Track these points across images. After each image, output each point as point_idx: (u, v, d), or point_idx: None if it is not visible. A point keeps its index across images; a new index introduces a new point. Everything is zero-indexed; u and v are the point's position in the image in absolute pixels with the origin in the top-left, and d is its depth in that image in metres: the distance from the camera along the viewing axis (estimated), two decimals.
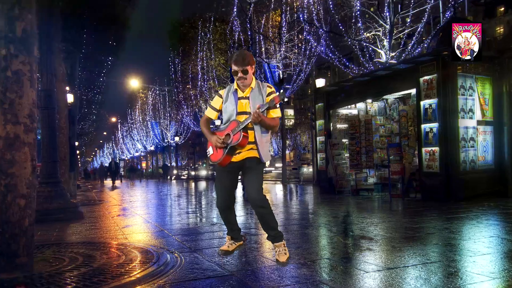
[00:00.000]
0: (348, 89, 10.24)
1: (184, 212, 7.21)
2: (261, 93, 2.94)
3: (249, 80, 2.93)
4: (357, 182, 9.77)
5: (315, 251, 3.57)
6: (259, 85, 2.99)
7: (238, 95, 2.96)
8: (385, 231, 4.52)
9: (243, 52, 2.91)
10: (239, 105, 2.94)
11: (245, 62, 2.87)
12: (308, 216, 6.30)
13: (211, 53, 24.28)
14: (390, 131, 10.21)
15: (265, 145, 2.95)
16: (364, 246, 3.68)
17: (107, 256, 3.46)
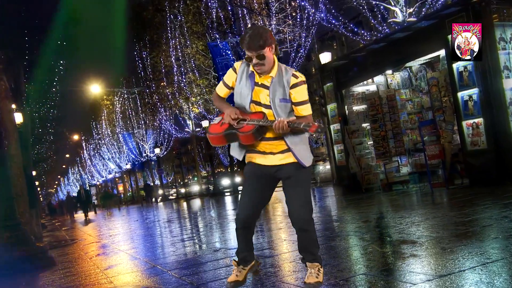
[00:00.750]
0: (361, 61, 10.25)
1: (179, 240, 7.21)
2: (282, 84, 2.84)
3: (268, 66, 2.84)
4: (388, 175, 9.77)
5: (347, 266, 3.57)
6: (281, 72, 2.88)
7: (255, 79, 2.90)
8: (430, 230, 4.52)
9: (256, 32, 2.78)
10: (255, 92, 2.89)
11: (260, 44, 2.75)
12: (332, 225, 6.30)
13: (186, 39, 24.29)
14: (420, 106, 10.22)
15: (300, 145, 2.89)
16: (407, 252, 3.68)
17: None
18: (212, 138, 2.95)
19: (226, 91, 3.06)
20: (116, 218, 18.93)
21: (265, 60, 2.80)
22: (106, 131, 42.67)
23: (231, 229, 7.61)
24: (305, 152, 2.92)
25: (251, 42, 2.76)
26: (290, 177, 2.90)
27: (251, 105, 2.89)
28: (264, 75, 2.87)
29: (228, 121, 2.87)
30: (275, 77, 2.86)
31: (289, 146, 2.86)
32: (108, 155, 44.92)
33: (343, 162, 11.01)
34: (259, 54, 2.77)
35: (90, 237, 10.53)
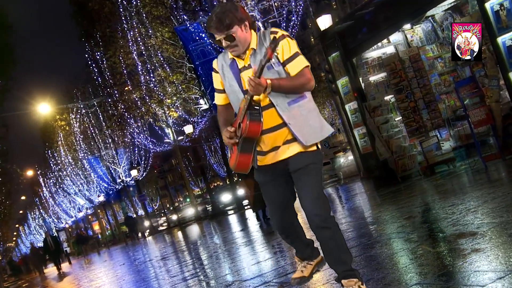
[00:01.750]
0: (371, 19, 10.25)
1: (180, 280, 7.22)
2: (264, 50, 2.95)
3: (243, 46, 3.02)
4: (427, 155, 9.78)
5: (395, 278, 3.57)
6: (261, 38, 3.06)
7: (238, 65, 3.08)
8: (491, 216, 4.53)
9: (222, 9, 2.97)
10: (243, 80, 3.05)
11: (225, 24, 2.93)
12: (368, 229, 6.30)
13: (147, 28, 24.29)
14: (452, 64, 10.21)
15: (304, 119, 3.01)
16: (467, 247, 3.68)
17: None
18: (238, 166, 3.14)
19: (221, 96, 3.25)
20: (97, 265, 18.95)
21: (235, 40, 2.97)
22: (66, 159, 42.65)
23: (243, 256, 7.62)
24: (310, 126, 3.03)
25: (217, 23, 2.93)
26: (299, 169, 3.05)
27: (245, 97, 3.01)
28: (244, 56, 3.05)
29: (230, 142, 3.11)
30: (256, 48, 3.04)
31: (287, 122, 2.97)
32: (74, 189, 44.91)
33: (368, 148, 11.01)
34: (227, 35, 2.95)
35: None
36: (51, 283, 17.22)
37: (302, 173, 3.04)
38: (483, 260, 3.29)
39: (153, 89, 25.36)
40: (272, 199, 3.24)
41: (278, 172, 3.13)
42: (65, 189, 48.06)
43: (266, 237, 9.22)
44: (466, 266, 3.26)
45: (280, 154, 3.05)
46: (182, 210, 39.81)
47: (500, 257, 3.25)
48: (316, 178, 3.06)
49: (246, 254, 7.64)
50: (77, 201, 47.73)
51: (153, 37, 24.38)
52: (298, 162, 3.03)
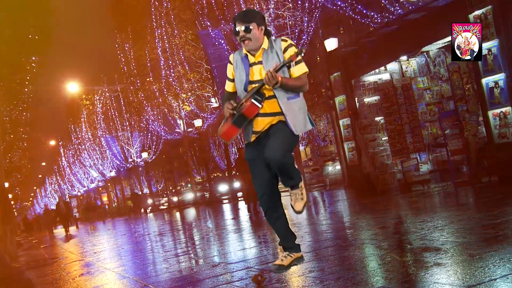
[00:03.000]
0: (372, 47, 10.25)
1: (172, 255, 7.22)
2: (275, 52, 3.30)
3: (255, 42, 3.29)
4: (406, 174, 9.78)
5: (363, 279, 3.58)
6: (272, 43, 3.35)
7: (249, 61, 3.36)
8: (456, 235, 4.53)
9: (249, 9, 3.37)
10: (251, 72, 3.34)
11: (248, 17, 3.25)
12: (345, 233, 6.30)
13: (173, 28, 24.28)
14: (439, 96, 10.21)
15: (296, 112, 3.29)
16: (430, 261, 3.68)
17: None
18: (224, 134, 3.38)
19: (231, 84, 3.51)
20: (101, 232, 18.95)
21: (251, 34, 3.25)
22: (86, 135, 42.65)
23: (232, 241, 7.62)
24: (300, 120, 3.30)
25: (240, 15, 3.30)
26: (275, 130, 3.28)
27: (249, 86, 3.31)
28: (257, 54, 3.33)
29: (228, 112, 3.33)
30: (267, 48, 3.33)
31: (284, 113, 3.24)
32: (89, 162, 44.90)
33: (355, 161, 11.02)
34: (246, 26, 3.24)
35: (72, 255, 10.54)
36: (58, 242, 17.21)
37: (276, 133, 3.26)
38: (443, 274, 3.29)
39: (171, 83, 25.35)
40: (259, 174, 3.38)
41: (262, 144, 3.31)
42: (81, 161, 48.05)
43: (254, 227, 9.22)
44: (427, 277, 3.26)
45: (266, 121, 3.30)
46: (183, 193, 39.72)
47: (459, 273, 3.25)
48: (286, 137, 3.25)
49: (234, 240, 7.64)
50: (91, 173, 47.71)
51: (178, 37, 24.37)
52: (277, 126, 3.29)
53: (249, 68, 3.35)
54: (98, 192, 57.26)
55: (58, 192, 64.84)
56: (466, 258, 3.58)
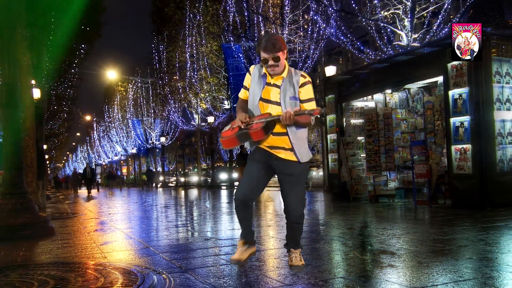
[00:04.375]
0: (364, 78, 10.25)
1: (173, 225, 7.22)
2: (292, 84, 3.04)
3: (280, 68, 3.04)
4: (376, 187, 9.78)
5: (327, 269, 3.57)
6: (291, 73, 3.08)
7: (267, 79, 3.11)
8: (410, 244, 4.52)
9: (273, 37, 3.00)
10: (265, 90, 3.09)
11: (276, 47, 2.95)
12: (318, 228, 6.30)
13: (202, 38, 24.28)
14: (413, 127, 10.21)
15: (301, 142, 3.10)
16: (385, 262, 3.68)
17: (83, 279, 3.46)
18: (225, 141, 3.11)
19: (245, 92, 3.25)
20: (117, 198, 18.94)
21: (279, 62, 2.98)
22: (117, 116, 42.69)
23: (224, 221, 7.61)
24: (304, 150, 3.11)
25: (268, 45, 2.95)
26: (290, 174, 3.07)
27: (260, 102, 3.07)
28: (275, 77, 3.07)
29: (238, 124, 3.05)
30: (286, 77, 3.06)
31: (291, 141, 3.03)
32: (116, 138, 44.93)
33: (335, 170, 11.02)
34: (274, 56, 2.96)
35: (90, 213, 10.53)
36: (80, 201, 17.20)
37: (292, 180, 3.08)
38: (395, 274, 3.29)
39: (194, 84, 25.37)
40: (251, 175, 3.14)
41: (269, 162, 3.11)
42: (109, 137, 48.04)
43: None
44: (380, 275, 3.26)
45: (279, 153, 3.08)
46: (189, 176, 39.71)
47: (407, 275, 3.25)
48: (303, 186, 3.15)
49: (226, 221, 7.64)
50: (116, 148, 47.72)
51: (204, 46, 24.38)
52: (292, 169, 3.07)
53: (265, 86, 3.09)
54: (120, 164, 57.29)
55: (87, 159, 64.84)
56: (415, 264, 3.58)
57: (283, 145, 3.06)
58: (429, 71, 8.69)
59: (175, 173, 43.18)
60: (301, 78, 3.04)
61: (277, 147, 3.07)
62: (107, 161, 57.43)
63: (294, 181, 3.09)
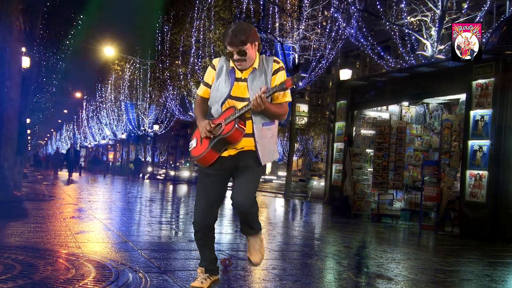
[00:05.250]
0: (380, 86, 10.25)
1: (157, 221, 7.22)
2: (263, 72, 2.90)
3: (249, 62, 2.89)
4: (380, 206, 9.77)
5: (318, 287, 3.57)
6: (263, 61, 2.94)
7: (236, 75, 2.92)
8: (409, 271, 4.52)
9: (240, 27, 2.86)
10: (235, 87, 2.90)
11: (242, 39, 2.80)
12: (313, 243, 6.30)
13: (211, 23, 24.29)
14: (428, 145, 10.21)
15: (268, 140, 2.92)
16: (381, 287, 3.67)
17: (52, 268, 3.46)
18: (201, 159, 2.91)
19: (206, 90, 3.02)
20: (99, 185, 18.95)
21: (246, 56, 2.83)
22: (109, 96, 42.67)
23: None
24: (269, 149, 2.93)
25: (233, 38, 2.80)
26: (245, 167, 2.90)
27: (228, 100, 2.88)
28: (246, 70, 2.90)
29: (205, 135, 2.86)
30: (258, 68, 2.90)
31: (255, 138, 2.85)
32: (106, 120, 44.90)
33: (338, 182, 11.01)
34: (240, 50, 2.81)
35: (68, 198, 10.53)
36: (60, 183, 17.21)
37: (249, 171, 2.90)
38: None
39: (196, 71, 25.37)
40: (207, 195, 2.98)
41: (226, 167, 2.94)
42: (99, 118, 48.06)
43: (234, 217, 9.21)
44: None
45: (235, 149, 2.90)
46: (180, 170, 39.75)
47: None
48: (254, 178, 2.94)
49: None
50: (104, 131, 47.73)
51: (213, 32, 24.38)
52: (250, 162, 2.89)
53: (234, 83, 2.89)
54: (107, 149, 57.30)
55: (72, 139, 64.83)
56: None
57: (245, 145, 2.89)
58: (451, 87, 8.67)
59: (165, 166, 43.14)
60: (274, 64, 2.90)
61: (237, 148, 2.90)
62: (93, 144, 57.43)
63: (249, 172, 2.90)
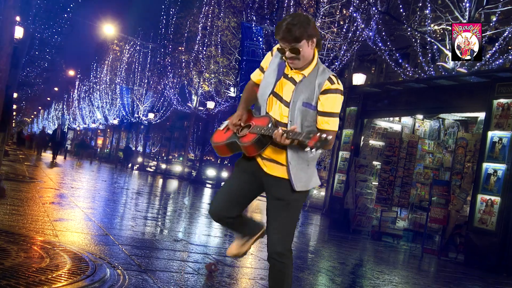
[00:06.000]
0: (395, 95, 10.25)
1: (142, 216, 7.21)
2: (312, 86, 2.62)
3: (303, 62, 2.62)
4: (382, 223, 9.77)
5: None
6: (317, 72, 2.66)
7: (285, 70, 2.70)
8: None
9: (296, 19, 2.55)
10: (280, 83, 2.68)
11: (297, 35, 2.53)
12: (306, 255, 6.29)
13: (220, 10, 24.29)
14: (439, 163, 10.22)
15: (301, 165, 2.65)
16: None
17: (25, 255, 3.46)
18: (216, 147, 2.86)
19: (259, 74, 2.83)
20: (84, 171, 18.95)
21: (299, 54, 2.57)
22: (105, 78, 42.70)
23: (200, 224, 7.61)
24: (303, 174, 2.67)
25: (286, 32, 2.53)
26: (280, 199, 2.67)
27: (270, 96, 2.69)
28: (296, 70, 2.66)
29: (230, 127, 2.76)
30: (307, 76, 2.64)
31: (288, 160, 2.62)
32: (98, 103, 44.94)
33: (340, 193, 11.01)
34: (293, 47, 2.55)
35: (50, 181, 10.53)
36: (42, 165, 17.21)
37: (282, 206, 2.67)
38: None
39: (200, 60, 25.38)
40: (233, 186, 2.80)
41: (257, 176, 2.74)
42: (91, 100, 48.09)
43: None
44: None
45: (270, 167, 2.67)
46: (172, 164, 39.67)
47: None
48: (292, 216, 2.70)
49: (203, 224, 7.64)
50: (96, 114, 47.75)
51: (221, 20, 24.38)
52: (282, 192, 2.66)
53: (281, 77, 2.68)
54: (96, 134, 57.32)
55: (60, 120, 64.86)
56: None
57: (279, 160, 2.66)
58: (470, 104, 8.68)
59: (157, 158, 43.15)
60: (326, 83, 2.60)
61: (270, 159, 2.67)
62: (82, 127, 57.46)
63: (282, 208, 2.67)
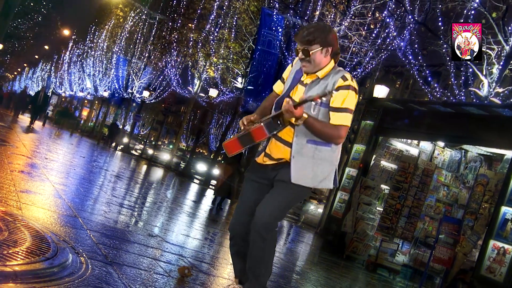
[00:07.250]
0: (417, 116, 10.24)
1: (117, 203, 7.22)
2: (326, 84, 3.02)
3: (314, 67, 3.04)
4: (380, 254, 9.77)
5: None
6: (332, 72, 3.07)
7: (301, 77, 3.15)
8: None
9: (313, 26, 3.04)
10: (295, 90, 3.11)
11: (309, 38, 2.96)
12: (291, 275, 6.30)
13: None
14: (454, 199, 10.22)
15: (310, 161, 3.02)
16: None
17: None
18: (225, 145, 3.17)
19: (280, 86, 3.27)
20: (63, 142, 18.96)
21: (309, 57, 2.98)
22: (102, 44, 42.65)
23: (180, 222, 7.61)
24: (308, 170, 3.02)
25: (301, 34, 2.99)
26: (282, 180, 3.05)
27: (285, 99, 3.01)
28: (310, 75, 3.09)
29: (240, 125, 3.11)
30: (321, 77, 3.05)
31: (292, 154, 3.00)
32: (90, 70, 44.91)
33: (339, 214, 11.00)
34: (304, 49, 2.98)
35: (23, 148, 10.53)
36: (18, 128, 17.22)
37: (281, 186, 3.05)
38: None
39: (209, 41, 25.36)
40: (246, 199, 3.20)
41: (267, 177, 3.15)
42: (83, 66, 48.07)
43: (208, 221, 9.22)
44: None
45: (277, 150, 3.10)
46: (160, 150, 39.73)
47: None
48: (288, 197, 3.08)
49: (183, 223, 7.64)
50: (85, 82, 47.73)
51: (241, 1, 24.36)
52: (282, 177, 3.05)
53: (297, 84, 3.14)
54: (82, 104, 57.35)
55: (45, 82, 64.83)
56: None
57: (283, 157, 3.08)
58: (499, 139, 8.67)
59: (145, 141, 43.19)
60: (340, 80, 2.97)
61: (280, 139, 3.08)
62: (68, 93, 57.46)
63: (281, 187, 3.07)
